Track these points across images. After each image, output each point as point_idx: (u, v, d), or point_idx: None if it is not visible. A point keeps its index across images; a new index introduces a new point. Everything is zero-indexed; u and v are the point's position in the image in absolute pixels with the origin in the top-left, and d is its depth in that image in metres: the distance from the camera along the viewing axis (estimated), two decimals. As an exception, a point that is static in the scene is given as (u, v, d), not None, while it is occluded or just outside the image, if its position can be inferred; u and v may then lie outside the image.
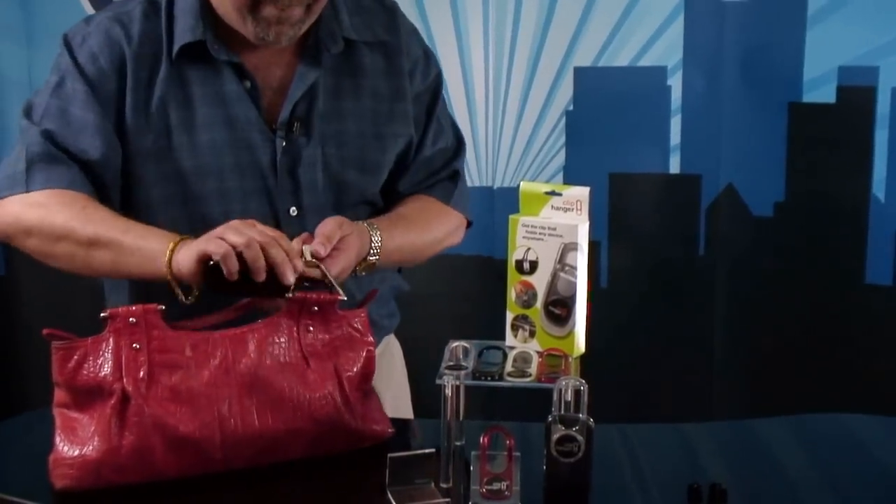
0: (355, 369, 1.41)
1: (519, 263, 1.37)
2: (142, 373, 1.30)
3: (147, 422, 1.30)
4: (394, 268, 1.74)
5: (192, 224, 1.50)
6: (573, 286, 1.34)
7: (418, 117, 1.69)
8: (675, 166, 2.50)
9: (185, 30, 1.54)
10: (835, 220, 2.39)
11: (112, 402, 1.30)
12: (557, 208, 1.35)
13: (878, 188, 2.32)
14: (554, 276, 1.35)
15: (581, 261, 1.33)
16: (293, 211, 1.59)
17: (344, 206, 1.60)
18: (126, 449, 1.29)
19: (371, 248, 1.52)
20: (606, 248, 2.54)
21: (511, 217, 1.37)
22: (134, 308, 1.32)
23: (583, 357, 1.37)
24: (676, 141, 2.49)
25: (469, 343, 1.36)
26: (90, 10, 2.36)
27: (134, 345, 1.31)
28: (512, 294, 1.39)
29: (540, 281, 1.36)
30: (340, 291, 1.38)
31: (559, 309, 1.35)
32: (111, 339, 1.31)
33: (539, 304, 1.37)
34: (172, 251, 1.38)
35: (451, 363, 1.32)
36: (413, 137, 1.67)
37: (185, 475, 1.33)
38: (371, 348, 1.43)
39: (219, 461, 1.33)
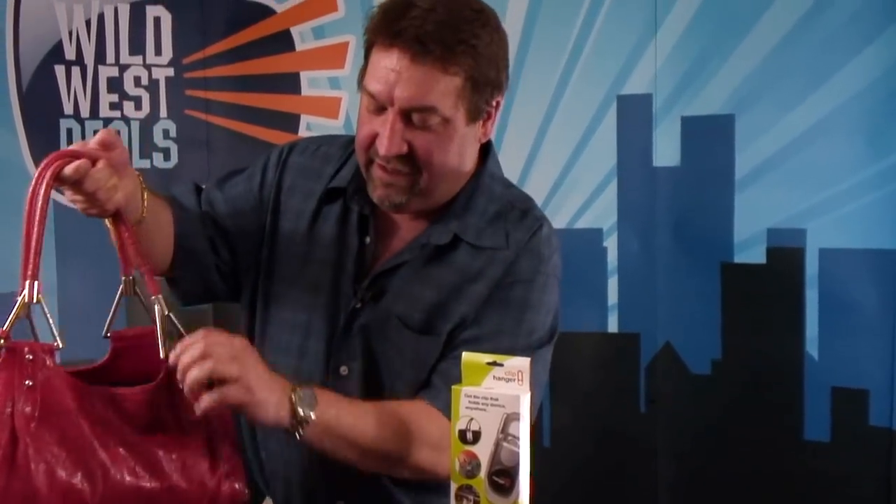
0: None
1: (462, 433, 1.37)
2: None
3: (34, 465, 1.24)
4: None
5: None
6: (516, 456, 1.34)
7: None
8: (613, 325, 2.55)
9: (340, 176, 1.64)
10: (771, 377, 2.42)
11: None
12: (499, 378, 1.37)
13: (812, 346, 2.36)
14: (497, 446, 1.35)
15: (523, 431, 1.34)
16: (343, 370, 1.61)
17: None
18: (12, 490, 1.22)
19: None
20: (549, 407, 2.54)
21: (454, 387, 1.37)
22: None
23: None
24: (614, 300, 2.54)
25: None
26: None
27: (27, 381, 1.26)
28: (456, 464, 1.38)
29: (483, 451, 1.36)
30: None
31: (503, 479, 1.35)
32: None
33: (483, 474, 1.37)
34: None
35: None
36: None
37: None
38: None
39: None
